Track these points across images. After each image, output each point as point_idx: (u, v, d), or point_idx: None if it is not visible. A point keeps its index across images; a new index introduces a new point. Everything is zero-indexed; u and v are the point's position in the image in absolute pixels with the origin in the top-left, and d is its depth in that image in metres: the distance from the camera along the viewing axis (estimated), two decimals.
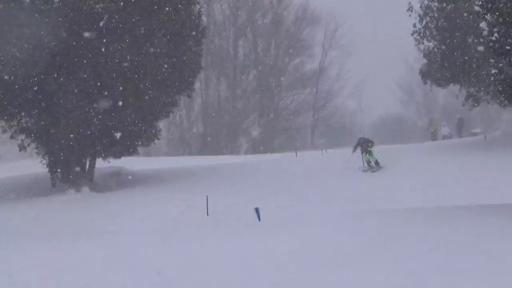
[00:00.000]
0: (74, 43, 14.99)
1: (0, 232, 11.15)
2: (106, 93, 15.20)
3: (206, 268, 6.55)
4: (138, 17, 15.20)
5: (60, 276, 6.64)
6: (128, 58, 15.15)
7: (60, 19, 14.40)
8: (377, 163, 17.27)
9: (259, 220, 9.72)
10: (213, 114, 39.11)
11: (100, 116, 15.44)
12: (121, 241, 9.36)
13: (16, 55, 14.35)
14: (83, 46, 15.04)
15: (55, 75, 14.96)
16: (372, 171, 17.03)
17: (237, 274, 6.19)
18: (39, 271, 6.92)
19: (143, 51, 15.42)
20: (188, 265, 6.79)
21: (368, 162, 17.37)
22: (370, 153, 17.46)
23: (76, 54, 15.11)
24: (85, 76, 15.12)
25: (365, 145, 17.66)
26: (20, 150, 16.61)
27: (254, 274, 6.18)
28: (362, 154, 17.61)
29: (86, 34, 14.75)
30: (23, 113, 16.05)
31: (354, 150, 17.83)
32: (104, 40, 15.04)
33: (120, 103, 15.18)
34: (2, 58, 14.34)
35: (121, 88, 15.22)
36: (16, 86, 14.80)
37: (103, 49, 15.03)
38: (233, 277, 6.08)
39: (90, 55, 15.08)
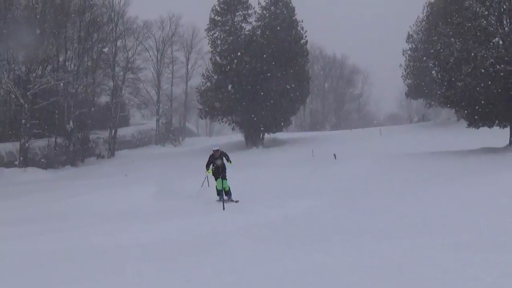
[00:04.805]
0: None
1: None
2: (268, 103, 36.35)
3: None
4: (279, 69, 35.93)
5: None
6: (277, 86, 35.96)
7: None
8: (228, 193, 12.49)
9: (335, 158, 24.85)
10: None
11: (262, 112, 36.81)
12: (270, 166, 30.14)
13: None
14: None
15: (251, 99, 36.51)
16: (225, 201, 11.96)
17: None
18: None
19: (282, 87, 36.09)
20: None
21: (220, 191, 12.38)
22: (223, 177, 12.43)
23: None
24: (262, 93, 36.21)
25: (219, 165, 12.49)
26: (232, 129, 39.10)
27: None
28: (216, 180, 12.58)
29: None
30: (233, 115, 38.04)
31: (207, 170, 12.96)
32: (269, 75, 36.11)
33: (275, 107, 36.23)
34: None
35: (272, 101, 36.15)
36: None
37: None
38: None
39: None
